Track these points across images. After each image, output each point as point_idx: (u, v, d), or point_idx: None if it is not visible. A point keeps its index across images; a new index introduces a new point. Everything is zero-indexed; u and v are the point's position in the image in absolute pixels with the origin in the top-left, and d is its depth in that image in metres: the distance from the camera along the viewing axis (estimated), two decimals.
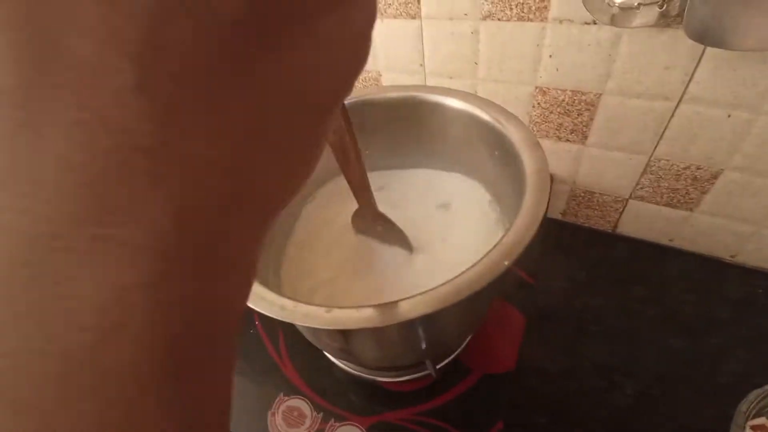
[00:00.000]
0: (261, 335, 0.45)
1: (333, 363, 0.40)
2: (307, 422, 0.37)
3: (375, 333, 0.26)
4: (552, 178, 0.53)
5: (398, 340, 0.27)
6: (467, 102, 0.33)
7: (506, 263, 0.21)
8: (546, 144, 0.50)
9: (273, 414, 0.38)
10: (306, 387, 0.39)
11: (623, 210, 0.52)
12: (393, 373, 0.37)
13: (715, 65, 0.36)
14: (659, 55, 0.38)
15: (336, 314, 0.20)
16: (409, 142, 0.38)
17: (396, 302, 0.20)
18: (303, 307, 0.21)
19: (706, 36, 0.33)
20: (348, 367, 0.39)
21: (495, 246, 0.22)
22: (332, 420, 0.37)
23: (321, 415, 0.37)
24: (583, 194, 0.53)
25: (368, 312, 0.20)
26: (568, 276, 0.51)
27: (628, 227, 0.54)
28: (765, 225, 0.45)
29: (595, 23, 0.38)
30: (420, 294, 0.21)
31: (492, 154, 0.33)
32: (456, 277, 0.21)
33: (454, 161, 0.39)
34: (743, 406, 0.36)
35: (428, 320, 0.24)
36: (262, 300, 0.22)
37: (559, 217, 0.58)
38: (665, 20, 0.35)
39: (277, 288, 0.32)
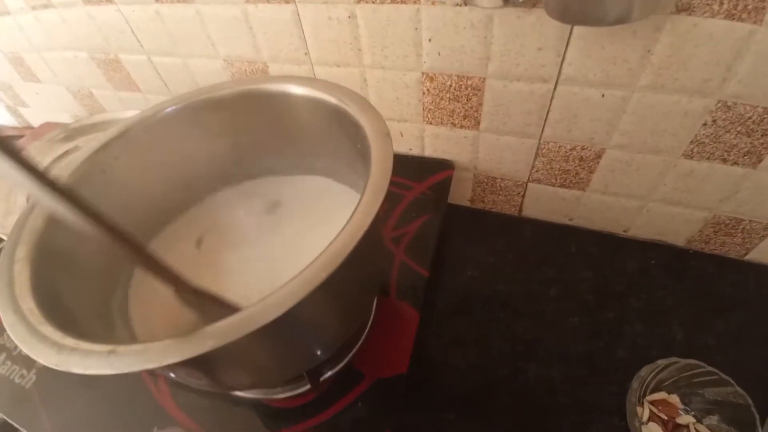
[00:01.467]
0: None
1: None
2: None
3: (223, 354, 0.23)
4: (454, 165, 0.52)
5: (249, 360, 0.24)
6: (313, 87, 0.30)
7: (324, 275, 0.18)
8: (442, 131, 0.49)
9: None
10: (183, 415, 0.35)
11: (524, 193, 0.52)
12: (277, 390, 0.35)
13: (584, 44, 0.36)
14: (530, 36, 0.37)
15: (121, 351, 0.17)
16: (263, 141, 0.35)
17: (190, 334, 0.17)
18: (85, 345, 0.18)
19: (566, 14, 0.32)
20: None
21: (315, 259, 0.19)
22: None
23: None
24: (486, 180, 0.53)
25: (163, 345, 0.17)
26: (477, 262, 0.50)
27: (532, 210, 0.54)
28: (650, 199, 0.46)
29: (465, 4, 0.37)
30: (233, 317, 0.18)
31: (355, 146, 0.30)
32: (264, 298, 0.18)
33: (327, 161, 0.36)
34: (635, 383, 0.37)
35: (243, 347, 0.21)
36: (39, 343, 0.18)
37: (468, 204, 0.57)
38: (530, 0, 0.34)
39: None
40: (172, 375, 0.26)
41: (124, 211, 0.31)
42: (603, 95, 0.39)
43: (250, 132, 0.34)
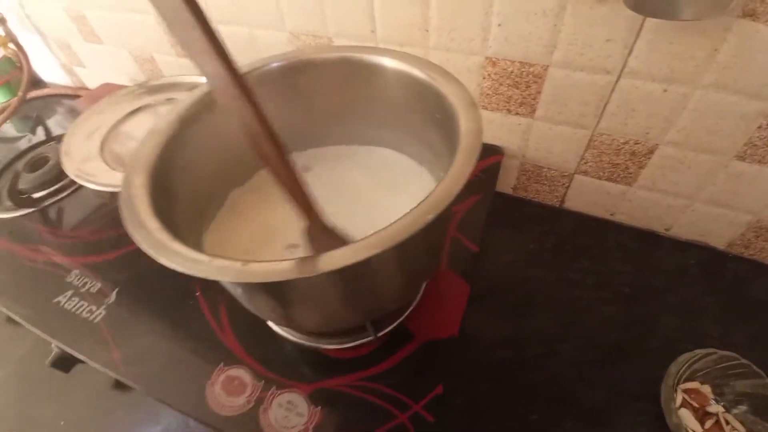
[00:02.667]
0: (201, 306, 0.43)
1: (275, 333, 0.40)
2: (248, 391, 0.36)
3: (306, 290, 0.25)
4: (503, 152, 0.54)
5: (331, 298, 0.27)
6: (405, 62, 0.32)
7: (430, 217, 0.21)
8: (497, 117, 0.51)
9: (212, 384, 0.37)
10: (247, 356, 0.38)
11: (569, 185, 0.54)
12: (335, 340, 0.37)
13: (653, 38, 0.37)
14: (601, 27, 0.38)
15: (253, 267, 0.20)
16: (346, 111, 0.37)
17: (315, 255, 0.20)
18: (218, 261, 0.20)
19: (643, 5, 0.34)
20: (290, 335, 0.38)
21: (420, 203, 0.22)
22: (273, 388, 0.36)
23: (262, 383, 0.37)
24: (532, 169, 0.54)
25: (286, 265, 0.20)
26: (515, 249, 0.52)
27: (574, 202, 0.56)
28: (697, 199, 0.47)
29: None
30: (341, 248, 0.20)
31: (433, 117, 0.32)
32: (376, 232, 0.21)
33: (395, 133, 0.38)
34: (673, 368, 0.39)
35: (353, 275, 0.24)
36: (176, 255, 0.21)
37: (510, 192, 0.59)
38: None
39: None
40: (246, 299, 0.29)
41: (220, 156, 0.34)
42: (665, 90, 0.40)
43: (331, 98, 0.37)
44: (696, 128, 0.41)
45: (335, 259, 0.20)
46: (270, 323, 0.40)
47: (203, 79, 0.22)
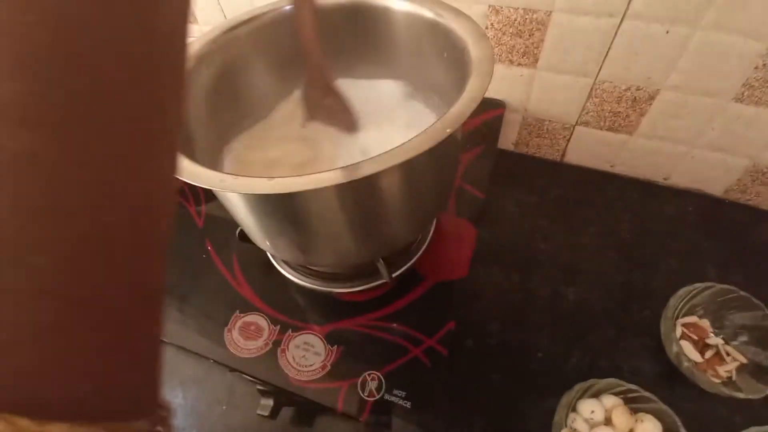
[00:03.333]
0: (214, 260, 0.44)
1: (288, 280, 0.40)
2: (265, 334, 0.37)
3: (324, 209, 0.26)
4: (505, 106, 0.54)
5: (346, 223, 0.27)
6: (413, 2, 0.32)
7: (448, 131, 0.21)
8: (499, 69, 0.51)
9: (229, 330, 0.38)
10: (262, 303, 0.39)
11: (570, 137, 0.54)
12: (348, 284, 0.38)
13: None
14: None
15: (278, 181, 0.20)
16: (356, 50, 0.37)
17: (336, 168, 0.20)
18: (244, 179, 0.21)
19: None
20: (303, 281, 0.39)
21: (438, 120, 0.22)
22: (289, 331, 0.37)
23: (278, 327, 0.38)
24: (534, 122, 0.55)
25: (310, 177, 0.20)
26: (519, 201, 0.53)
27: (575, 155, 0.56)
28: (696, 145, 0.48)
29: None
30: (362, 161, 0.21)
31: (441, 56, 0.32)
32: (398, 146, 0.21)
33: (404, 69, 0.38)
34: (672, 301, 0.40)
35: (373, 193, 0.24)
36: (201, 176, 0.21)
37: (511, 148, 0.59)
38: None
39: None
40: (263, 233, 0.29)
41: (244, 90, 0.34)
42: (668, 31, 0.40)
43: (340, 42, 0.37)
44: (697, 70, 0.42)
45: (356, 170, 0.20)
46: (283, 270, 0.40)
47: None
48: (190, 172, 0.22)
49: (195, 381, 0.41)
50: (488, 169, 0.49)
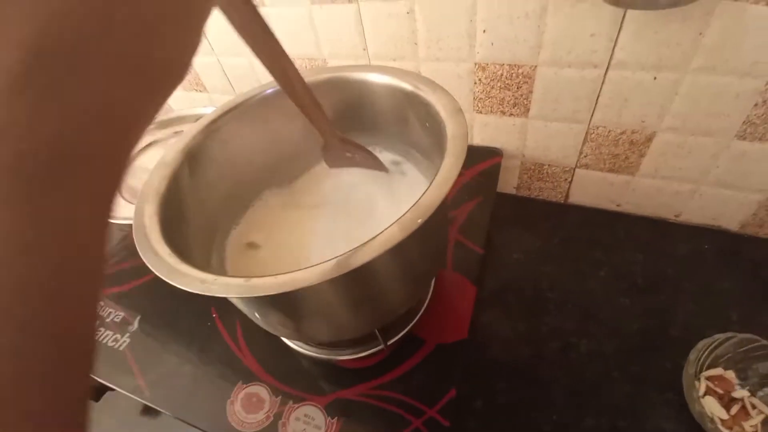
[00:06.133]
0: (218, 327, 0.45)
1: (290, 348, 0.41)
2: (266, 406, 0.37)
3: (311, 300, 0.26)
4: (502, 153, 0.54)
5: (337, 306, 0.27)
6: (391, 75, 0.34)
7: (419, 221, 0.21)
8: (492, 119, 0.51)
9: (232, 402, 0.38)
10: (264, 373, 0.39)
11: (572, 180, 0.54)
12: (348, 351, 0.38)
13: (637, 28, 0.38)
14: (584, 22, 0.39)
15: (254, 282, 0.21)
16: (344, 120, 0.38)
17: (308, 267, 0.21)
18: (222, 279, 0.22)
19: None
20: (304, 349, 0.39)
21: (409, 209, 0.22)
22: (290, 402, 0.37)
23: (279, 398, 0.38)
24: (533, 167, 0.55)
25: (285, 277, 0.21)
26: (523, 247, 0.52)
27: (579, 196, 0.56)
28: (703, 182, 0.47)
29: None
30: (334, 258, 0.21)
31: (424, 126, 0.33)
32: (371, 239, 0.22)
33: (392, 137, 0.39)
34: (692, 355, 0.38)
35: (355, 282, 0.25)
36: (183, 276, 0.22)
37: (513, 191, 0.59)
38: None
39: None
40: (258, 316, 0.30)
41: (233, 173, 0.36)
42: (655, 78, 0.40)
43: (329, 108, 0.38)
44: (692, 112, 0.41)
45: (332, 268, 0.21)
46: (284, 339, 0.41)
47: (207, 110, 0.24)
48: (173, 270, 0.23)
49: None
50: (487, 219, 0.49)
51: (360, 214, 0.36)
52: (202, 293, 0.21)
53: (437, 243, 0.32)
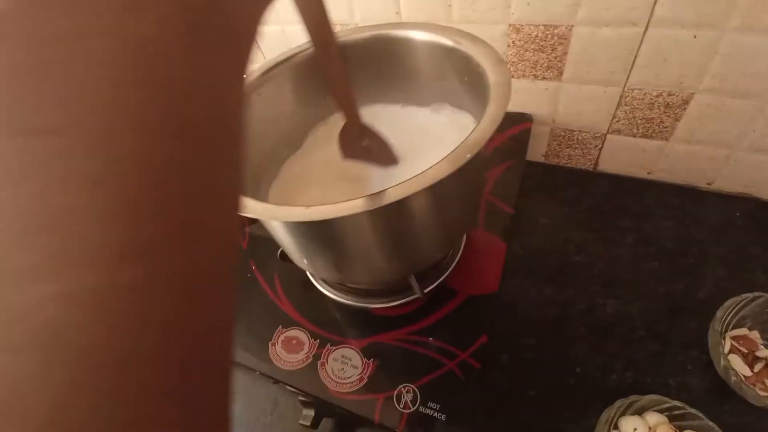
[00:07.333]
0: (258, 279, 0.47)
1: (326, 296, 0.43)
2: (306, 348, 0.40)
3: (357, 232, 0.28)
4: (533, 119, 0.55)
5: (378, 243, 0.29)
6: (430, 31, 0.34)
7: (468, 156, 0.23)
8: (524, 84, 0.52)
9: (273, 344, 0.41)
10: (302, 319, 0.42)
11: (602, 146, 0.54)
12: (383, 299, 0.40)
13: None
14: None
15: (314, 209, 0.23)
16: (384, 78, 0.39)
17: (365, 196, 0.22)
18: (284, 209, 0.23)
19: None
20: (340, 298, 0.41)
21: (458, 146, 0.24)
22: (328, 345, 0.40)
23: (318, 341, 0.40)
24: (563, 133, 0.55)
25: (341, 206, 0.22)
26: (551, 213, 0.53)
27: (609, 164, 0.55)
28: (739, 147, 0.46)
29: None
30: (389, 188, 0.23)
31: (462, 80, 0.34)
32: (421, 173, 0.23)
33: (429, 95, 0.40)
34: (719, 313, 0.39)
35: (401, 216, 0.26)
36: (248, 206, 0.24)
37: (542, 159, 0.59)
38: None
39: None
40: (304, 262, 0.32)
41: (263, 136, 0.37)
42: (695, 36, 0.40)
43: (367, 73, 0.39)
44: (730, 72, 0.41)
45: (384, 197, 0.22)
46: (321, 287, 0.43)
47: None
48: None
49: (242, 393, 0.44)
50: (517, 183, 0.49)
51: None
52: (267, 220, 0.23)
53: (474, 191, 0.33)
